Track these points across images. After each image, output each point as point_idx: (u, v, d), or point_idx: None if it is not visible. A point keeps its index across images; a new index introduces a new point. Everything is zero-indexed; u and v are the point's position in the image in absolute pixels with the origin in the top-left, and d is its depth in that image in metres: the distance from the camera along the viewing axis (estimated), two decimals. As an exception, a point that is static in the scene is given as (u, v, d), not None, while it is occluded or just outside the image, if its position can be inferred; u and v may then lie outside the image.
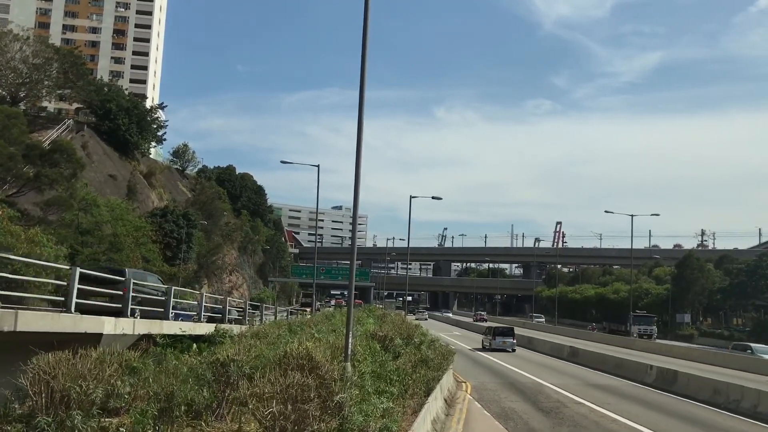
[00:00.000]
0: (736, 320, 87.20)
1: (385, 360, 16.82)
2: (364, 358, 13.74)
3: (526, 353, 40.80)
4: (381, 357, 16.83)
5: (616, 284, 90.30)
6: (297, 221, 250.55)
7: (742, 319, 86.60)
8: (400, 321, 28.77)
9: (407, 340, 23.53)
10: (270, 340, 17.19)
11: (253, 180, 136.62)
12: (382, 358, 16.85)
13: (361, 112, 13.76)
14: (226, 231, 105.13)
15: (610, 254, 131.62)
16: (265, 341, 16.49)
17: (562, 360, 35.91)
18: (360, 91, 13.86)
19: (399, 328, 25.21)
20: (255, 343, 16.84)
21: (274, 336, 19.53)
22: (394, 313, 40.61)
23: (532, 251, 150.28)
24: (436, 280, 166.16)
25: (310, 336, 15.65)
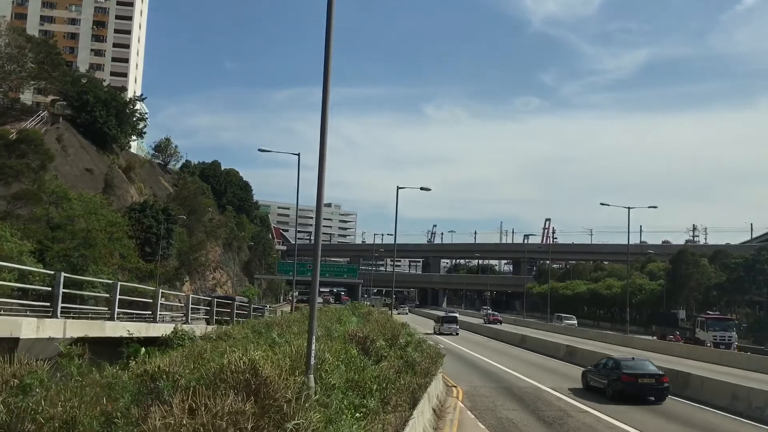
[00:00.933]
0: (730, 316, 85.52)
1: (364, 366, 14.53)
2: (335, 366, 11.37)
3: (518, 352, 38.67)
4: (359, 362, 14.53)
5: (609, 280, 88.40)
6: (286, 219, 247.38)
7: (736, 315, 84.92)
8: (385, 319, 26.38)
9: (392, 342, 21.21)
10: (230, 343, 14.83)
11: (239, 176, 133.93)
12: (361, 364, 14.55)
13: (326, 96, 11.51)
14: (209, 227, 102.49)
15: (601, 250, 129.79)
16: (217, 349, 14.10)
17: (557, 360, 33.76)
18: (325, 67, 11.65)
19: (383, 328, 22.89)
20: (217, 346, 14.48)
21: (241, 337, 17.21)
22: (377, 311, 38.27)
23: (522, 247, 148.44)
24: (425, 277, 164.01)
25: (273, 340, 13.29)
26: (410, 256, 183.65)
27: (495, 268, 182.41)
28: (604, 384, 22.02)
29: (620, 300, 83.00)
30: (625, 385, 20.93)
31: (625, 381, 20.97)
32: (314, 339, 9.84)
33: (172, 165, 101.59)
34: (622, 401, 20.45)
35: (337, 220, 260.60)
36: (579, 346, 36.05)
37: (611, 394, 21.20)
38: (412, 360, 18.67)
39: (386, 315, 37.96)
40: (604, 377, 22.24)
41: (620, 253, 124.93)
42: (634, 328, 79.17)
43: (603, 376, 22.35)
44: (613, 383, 21.35)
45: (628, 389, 20.91)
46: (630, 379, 21.00)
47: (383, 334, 21.58)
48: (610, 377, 21.72)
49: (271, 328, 18.26)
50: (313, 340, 9.78)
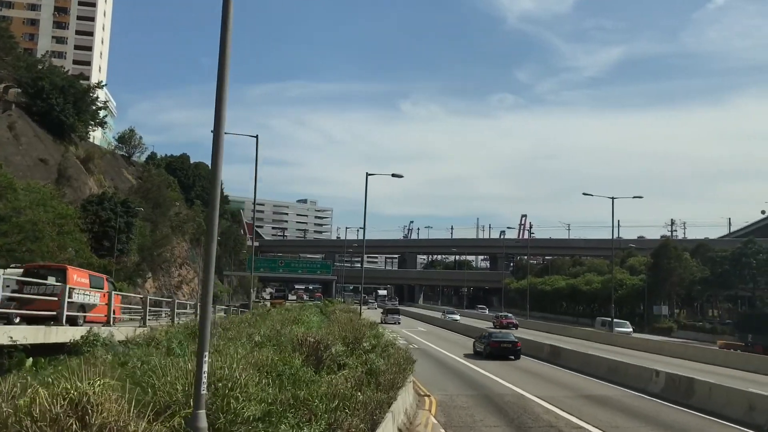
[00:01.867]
0: (712, 312, 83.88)
1: (311, 379, 11.47)
2: (258, 387, 8.27)
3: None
4: (304, 375, 11.48)
5: (589, 275, 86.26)
6: (261, 215, 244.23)
7: (718, 311, 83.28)
8: (347, 319, 23.34)
9: (353, 346, 18.19)
10: (144, 351, 11.69)
11: (209, 169, 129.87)
12: (307, 377, 11.50)
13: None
14: (176, 222, 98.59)
15: (579, 245, 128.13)
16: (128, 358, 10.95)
17: (541, 361, 30.95)
18: None
19: (344, 329, 19.87)
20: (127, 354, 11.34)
21: (164, 342, 14.07)
22: (339, 309, 35.31)
23: (500, 242, 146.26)
24: (402, 273, 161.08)
25: (172, 350, 10.14)
26: (386, 252, 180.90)
27: (472, 264, 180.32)
28: (481, 348, 33.02)
29: (601, 295, 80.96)
30: (492, 348, 32.10)
31: (492, 346, 32.19)
32: (206, 359, 6.68)
33: (136, 157, 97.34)
34: (492, 359, 31.17)
35: (312, 216, 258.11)
36: (564, 345, 33.24)
37: (485, 355, 32.16)
38: (376, 368, 15.65)
39: (354, 313, 34.97)
40: (482, 344, 33.29)
41: (599, 248, 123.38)
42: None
43: (482, 343, 33.47)
44: (486, 347, 32.48)
45: (494, 351, 31.87)
46: (495, 345, 32.28)
47: (343, 336, 18.57)
48: (485, 343, 32.96)
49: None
50: (205, 361, 6.63)
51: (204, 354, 6.50)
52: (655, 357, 36.08)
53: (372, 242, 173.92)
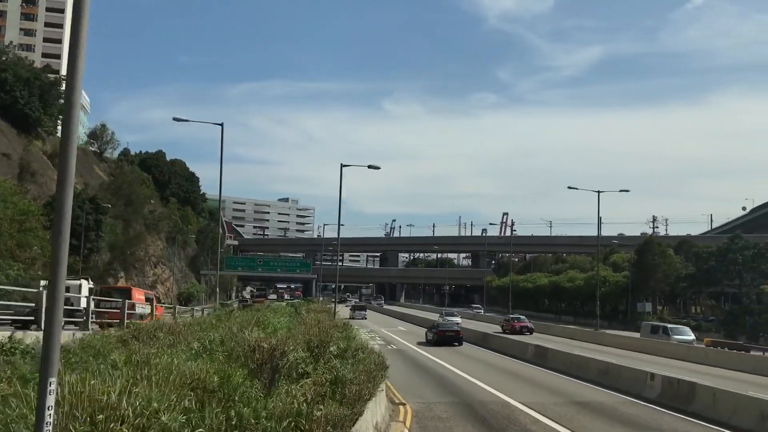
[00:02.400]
0: (695, 309, 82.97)
1: (254, 397, 9.46)
2: (172, 416, 6.27)
3: (480, 353, 34.04)
4: (247, 392, 9.47)
5: (571, 272, 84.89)
6: (242, 214, 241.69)
7: (701, 308, 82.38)
8: (315, 320, 21.37)
9: (319, 351, 16.17)
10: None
11: (185, 167, 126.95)
12: (250, 395, 9.49)
13: None
14: (150, 220, 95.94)
15: (562, 242, 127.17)
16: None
17: (526, 363, 29.15)
18: None
19: (309, 331, 17.87)
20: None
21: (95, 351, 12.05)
22: (313, 309, 33.36)
23: (481, 240, 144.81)
24: (383, 271, 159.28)
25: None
26: (368, 250, 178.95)
27: (454, 261, 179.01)
28: (431, 336, 39.08)
29: (584, 293, 79.68)
30: (439, 336, 38.23)
31: (439, 334, 38.49)
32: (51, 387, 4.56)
33: (108, 153, 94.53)
34: (438, 345, 36.93)
35: (294, 214, 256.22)
36: (549, 345, 31.48)
37: (434, 342, 37.87)
38: (342, 377, 13.64)
39: (328, 313, 33.01)
40: (431, 333, 39.61)
41: (581, 245, 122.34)
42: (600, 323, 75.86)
43: (431, 332, 39.69)
44: (435, 335, 38.62)
45: (440, 339, 37.89)
46: (441, 333, 38.74)
47: (308, 340, 16.55)
48: (434, 332, 39.43)
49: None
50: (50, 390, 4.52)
51: (49, 379, 4.40)
52: (644, 357, 34.48)
53: (353, 240, 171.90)
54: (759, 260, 55.15)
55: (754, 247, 56.67)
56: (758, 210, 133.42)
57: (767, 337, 48.44)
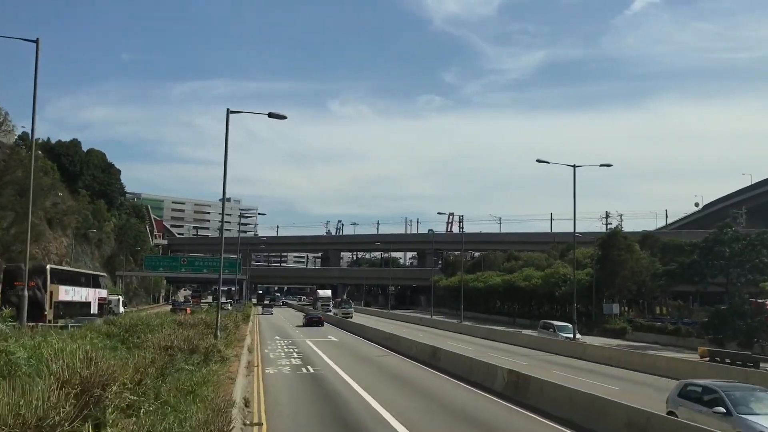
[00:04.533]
0: (660, 310, 76.15)
1: None
2: None
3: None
4: None
5: (527, 270, 76.93)
6: (181, 213, 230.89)
7: (666, 308, 75.61)
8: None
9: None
10: None
11: (103, 158, 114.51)
12: None
13: None
14: (53, 213, 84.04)
15: (512, 239, 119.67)
16: None
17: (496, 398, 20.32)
18: None
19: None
20: None
21: None
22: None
23: (427, 237, 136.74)
24: (324, 272, 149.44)
25: None
26: (307, 249, 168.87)
27: (400, 261, 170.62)
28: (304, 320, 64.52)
29: (541, 292, 71.85)
30: (308, 320, 63.38)
31: (308, 318, 64.59)
32: None
33: (2, 136, 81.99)
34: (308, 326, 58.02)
35: (236, 215, 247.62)
36: (525, 364, 22.62)
37: (305, 324, 61.13)
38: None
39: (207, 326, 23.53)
40: (305, 318, 65.49)
41: (533, 242, 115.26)
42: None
43: (305, 318, 65.50)
44: (305, 319, 64.47)
45: (308, 322, 62.53)
46: (308, 318, 64.41)
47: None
48: (306, 318, 65.24)
49: None
50: None
51: None
52: (637, 377, 26.10)
53: (291, 239, 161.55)
54: (749, 254, 48.01)
55: (745, 239, 49.47)
56: (710, 206, 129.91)
57: (762, 344, 41.02)
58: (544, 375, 22.24)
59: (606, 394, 16.10)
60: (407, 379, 24.03)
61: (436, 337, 46.26)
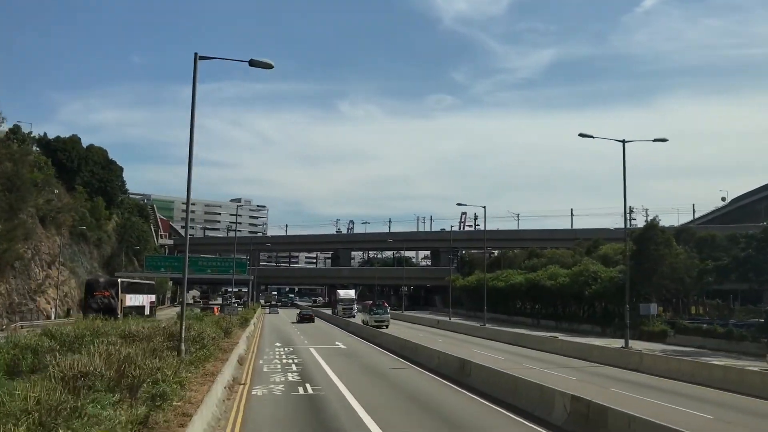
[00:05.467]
0: (697, 309, 70.37)
1: None
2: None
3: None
4: None
5: (552, 268, 71.25)
6: (192, 215, 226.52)
7: (704, 308, 69.78)
8: None
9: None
10: None
11: (104, 154, 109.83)
12: None
13: None
14: (46, 210, 79.38)
15: (532, 236, 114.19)
16: None
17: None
18: None
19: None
20: None
21: None
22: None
23: (442, 236, 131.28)
24: (334, 272, 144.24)
25: None
26: (317, 248, 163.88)
27: (413, 261, 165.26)
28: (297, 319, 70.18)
29: (569, 292, 66.10)
30: (301, 317, 70.55)
31: (300, 315, 71.83)
32: None
33: (-9, 129, 77.35)
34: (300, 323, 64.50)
35: (247, 215, 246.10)
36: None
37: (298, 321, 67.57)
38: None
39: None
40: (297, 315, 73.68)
41: (554, 239, 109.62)
42: (588, 328, 62.31)
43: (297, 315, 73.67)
44: (298, 316, 71.56)
45: (300, 319, 69.91)
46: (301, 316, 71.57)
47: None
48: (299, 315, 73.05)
49: None
50: None
51: None
52: (727, 398, 20.57)
53: (301, 238, 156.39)
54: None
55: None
56: (738, 201, 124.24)
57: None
58: (606, 397, 17.06)
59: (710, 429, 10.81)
60: (430, 402, 18.70)
61: (459, 343, 40.96)
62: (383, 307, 66.95)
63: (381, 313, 63.91)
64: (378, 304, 68.34)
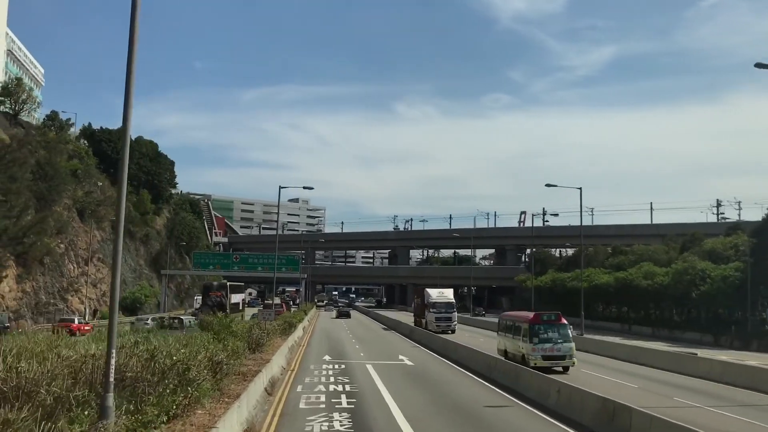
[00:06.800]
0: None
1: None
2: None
3: None
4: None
5: (647, 265, 61.39)
6: (250, 215, 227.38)
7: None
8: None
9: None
10: None
11: (153, 146, 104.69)
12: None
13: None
14: (85, 203, 74.01)
15: (608, 232, 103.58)
16: None
17: None
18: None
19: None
20: None
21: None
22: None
23: (510, 232, 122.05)
24: (391, 270, 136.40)
25: None
26: (374, 246, 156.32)
27: (475, 260, 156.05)
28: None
29: (671, 293, 56.22)
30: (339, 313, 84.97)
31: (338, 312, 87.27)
32: None
33: (25, 115, 72.34)
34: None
35: (305, 215, 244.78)
36: None
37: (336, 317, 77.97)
38: None
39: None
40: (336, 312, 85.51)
41: (636, 235, 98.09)
42: (694, 336, 52.35)
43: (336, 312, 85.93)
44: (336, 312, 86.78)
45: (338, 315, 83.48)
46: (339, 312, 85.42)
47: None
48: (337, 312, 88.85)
49: None
50: None
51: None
52: None
53: (357, 235, 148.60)
54: None
55: None
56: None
57: None
58: None
59: None
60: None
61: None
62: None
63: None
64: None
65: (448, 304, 54.35)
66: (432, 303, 54.38)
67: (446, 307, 53.87)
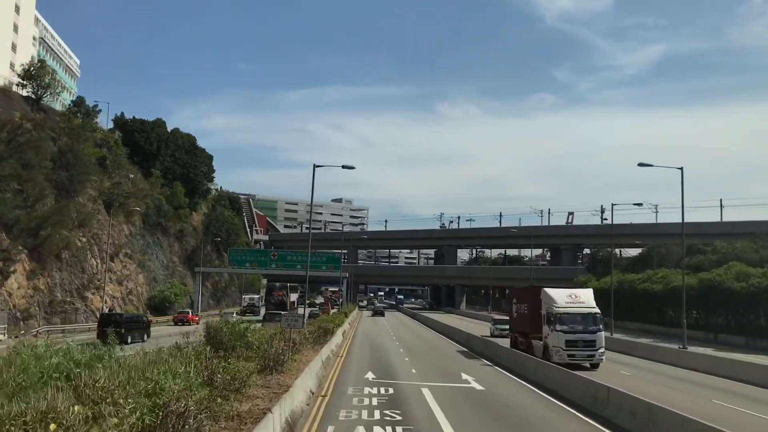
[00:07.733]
0: None
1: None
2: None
3: None
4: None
5: (739, 265, 53.23)
6: (294, 215, 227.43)
7: None
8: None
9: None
10: None
11: (191, 139, 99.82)
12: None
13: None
14: (114, 194, 69.26)
15: (676, 230, 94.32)
16: None
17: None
18: None
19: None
20: None
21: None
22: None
23: (568, 230, 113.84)
24: (438, 270, 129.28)
25: None
26: (419, 245, 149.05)
27: (525, 259, 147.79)
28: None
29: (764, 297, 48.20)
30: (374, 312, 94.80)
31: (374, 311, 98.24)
32: None
33: (47, 100, 67.78)
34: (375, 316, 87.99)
35: (347, 215, 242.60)
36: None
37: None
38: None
39: None
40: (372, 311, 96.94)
41: (708, 234, 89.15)
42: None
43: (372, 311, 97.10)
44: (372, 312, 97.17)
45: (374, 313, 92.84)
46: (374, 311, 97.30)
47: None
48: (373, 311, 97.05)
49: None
50: None
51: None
52: None
53: (401, 233, 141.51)
54: None
55: None
56: None
57: None
58: None
59: None
60: None
61: (667, 382, 25.33)
62: None
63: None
64: None
65: (588, 316, 30.44)
66: (558, 314, 30.22)
67: (585, 321, 30.19)
